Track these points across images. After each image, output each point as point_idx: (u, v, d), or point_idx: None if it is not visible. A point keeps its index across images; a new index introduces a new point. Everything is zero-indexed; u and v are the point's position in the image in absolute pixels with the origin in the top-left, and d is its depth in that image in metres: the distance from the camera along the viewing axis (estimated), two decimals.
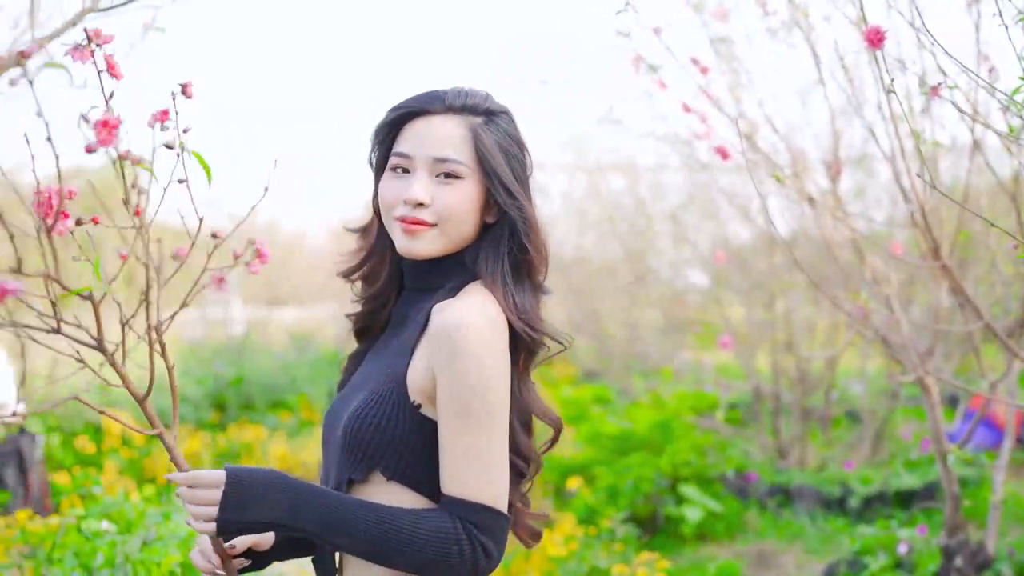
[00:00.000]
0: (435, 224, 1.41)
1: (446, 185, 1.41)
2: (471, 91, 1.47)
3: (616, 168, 8.54)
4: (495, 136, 1.44)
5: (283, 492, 1.31)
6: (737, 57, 3.51)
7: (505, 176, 1.43)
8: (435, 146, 1.41)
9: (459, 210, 1.41)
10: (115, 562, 2.74)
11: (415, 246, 1.42)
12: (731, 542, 4.96)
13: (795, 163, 3.12)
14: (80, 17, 2.80)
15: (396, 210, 1.43)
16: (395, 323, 1.52)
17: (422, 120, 1.44)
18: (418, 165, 1.42)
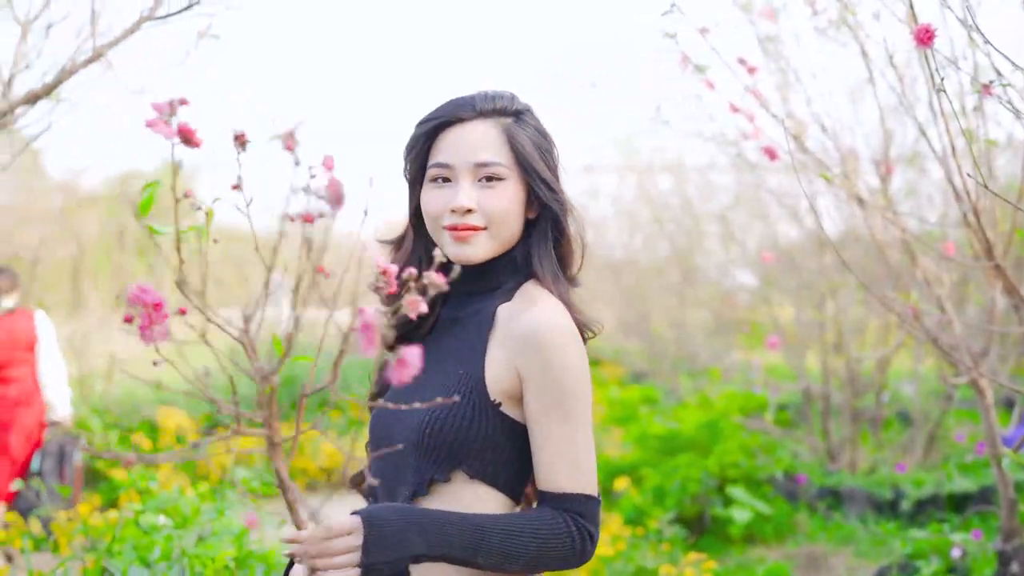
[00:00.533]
0: (485, 227, 1.44)
1: (489, 188, 1.44)
2: (497, 93, 1.49)
3: (664, 168, 8.52)
4: (527, 133, 1.47)
5: (416, 524, 1.33)
6: (785, 56, 3.48)
7: (543, 171, 1.47)
8: (474, 151, 1.44)
9: (506, 211, 1.44)
10: (171, 556, 2.81)
11: (468, 252, 1.45)
12: (780, 544, 4.92)
13: (844, 163, 3.09)
14: (138, 25, 2.88)
15: (444, 219, 1.45)
16: (444, 326, 1.53)
17: (456, 128, 1.46)
18: (459, 172, 1.44)
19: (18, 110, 2.89)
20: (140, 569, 2.62)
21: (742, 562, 4.62)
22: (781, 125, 2.67)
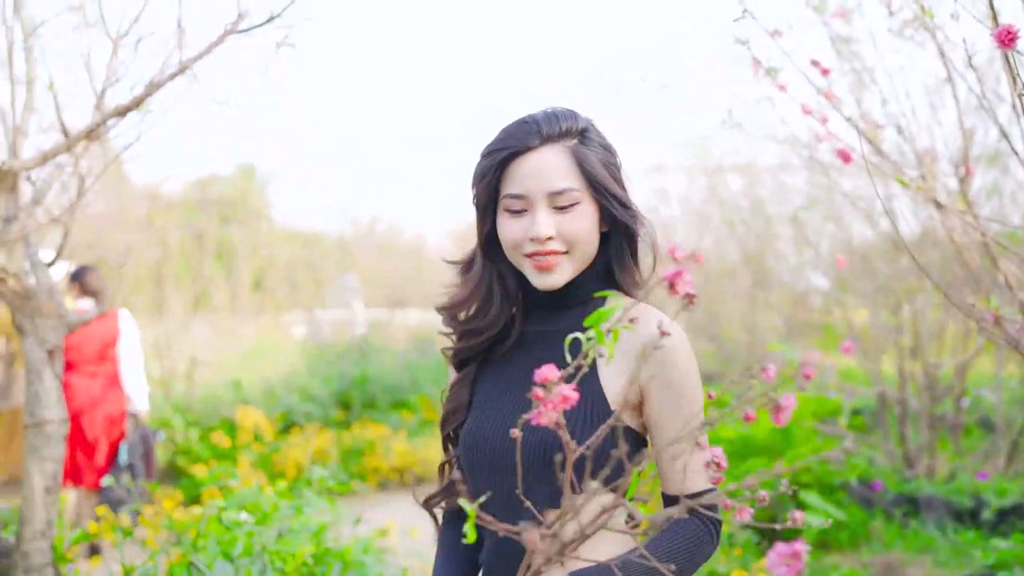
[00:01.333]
0: (566, 252, 1.47)
1: (566, 213, 1.46)
2: (559, 113, 1.50)
3: (736, 169, 8.43)
4: (594, 153, 1.49)
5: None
6: (860, 57, 3.44)
7: (615, 191, 1.49)
8: (547, 180, 1.46)
9: (584, 234, 1.47)
10: (253, 551, 2.91)
11: (552, 279, 1.48)
12: (855, 552, 4.84)
13: (921, 164, 3.03)
14: (223, 39, 2.98)
15: (524, 248, 1.48)
16: (531, 341, 1.56)
17: (526, 157, 1.47)
18: (535, 202, 1.46)
19: (109, 122, 3.03)
20: (224, 564, 2.72)
21: (816, 569, 4.56)
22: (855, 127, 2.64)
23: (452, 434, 1.63)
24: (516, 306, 1.59)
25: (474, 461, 1.53)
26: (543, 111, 1.51)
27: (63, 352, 3.03)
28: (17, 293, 2.93)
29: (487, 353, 1.60)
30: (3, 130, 3.09)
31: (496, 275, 1.56)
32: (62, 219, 3.40)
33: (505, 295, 1.57)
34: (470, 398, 1.60)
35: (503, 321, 1.56)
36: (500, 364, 1.58)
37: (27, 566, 2.81)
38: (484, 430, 1.52)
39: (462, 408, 1.60)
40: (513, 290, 1.58)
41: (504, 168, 1.49)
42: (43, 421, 2.91)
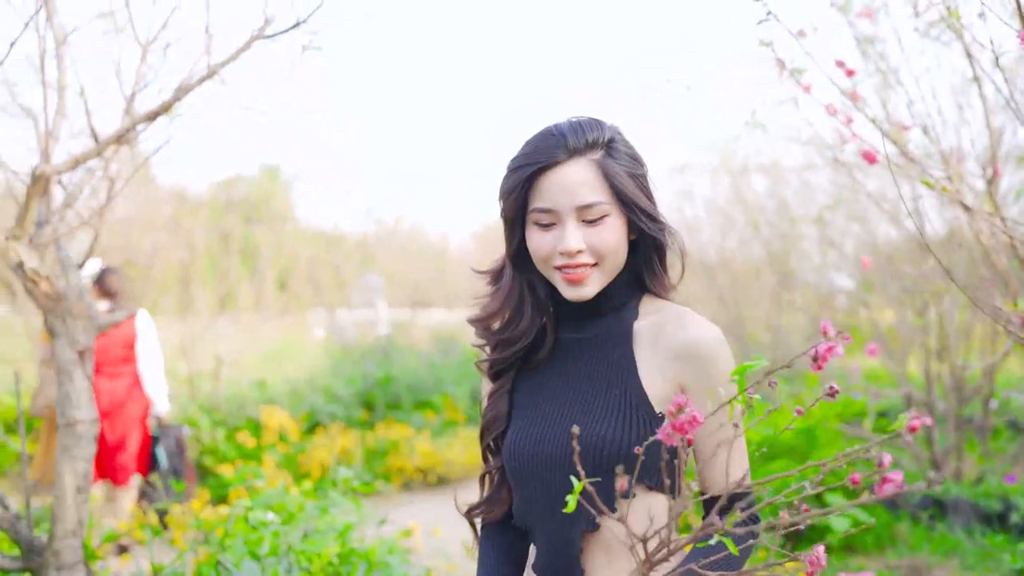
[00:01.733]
0: (595, 264, 1.49)
1: (595, 226, 1.47)
2: (585, 124, 1.51)
3: (760, 169, 8.39)
4: (621, 165, 1.49)
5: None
6: (885, 57, 3.42)
7: (642, 203, 1.50)
8: (575, 195, 1.46)
9: (613, 246, 1.49)
10: (279, 551, 2.94)
11: (583, 291, 1.49)
12: (880, 554, 4.81)
13: (947, 165, 3.01)
14: (249, 44, 3.02)
15: (554, 260, 1.49)
16: (567, 348, 1.57)
17: (553, 172, 1.48)
18: (563, 216, 1.47)
19: (139, 127, 3.07)
20: (251, 563, 2.75)
21: (841, 571, 4.54)
22: (879, 129, 2.63)
23: (492, 444, 1.63)
24: (547, 315, 1.60)
25: (519, 470, 1.54)
26: (568, 122, 1.52)
27: (93, 353, 3.08)
28: (49, 295, 2.97)
29: (522, 362, 1.61)
30: (35, 135, 3.15)
31: (527, 285, 1.58)
32: (92, 222, 3.45)
33: (536, 305, 1.58)
34: (509, 408, 1.61)
35: (535, 331, 1.58)
36: (537, 373, 1.59)
37: (59, 564, 2.86)
38: (528, 440, 1.53)
39: (501, 418, 1.61)
40: (544, 299, 1.59)
41: (531, 182, 1.50)
42: (74, 421, 2.96)
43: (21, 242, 2.91)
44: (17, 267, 2.93)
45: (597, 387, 1.50)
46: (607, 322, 1.55)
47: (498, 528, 1.66)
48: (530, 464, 1.52)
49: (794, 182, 7.70)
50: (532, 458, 1.51)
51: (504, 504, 1.63)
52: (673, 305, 1.56)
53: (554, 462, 1.47)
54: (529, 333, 1.57)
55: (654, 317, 1.54)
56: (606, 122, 1.54)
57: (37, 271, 2.92)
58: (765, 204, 8.28)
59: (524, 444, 1.53)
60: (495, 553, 1.63)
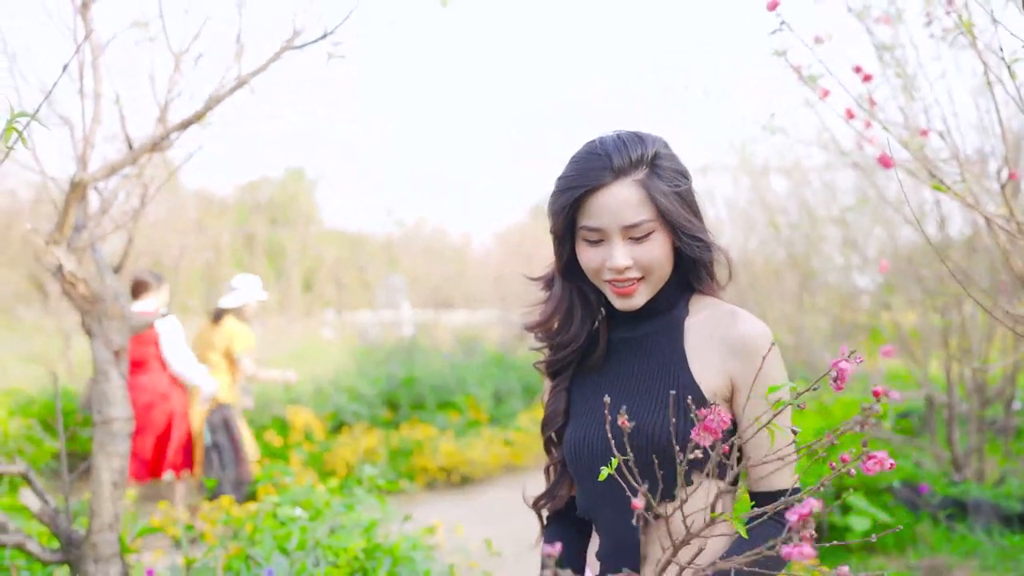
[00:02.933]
0: (642, 278, 1.57)
1: (641, 243, 1.55)
2: (628, 141, 1.57)
3: (781, 170, 8.40)
4: (665, 184, 1.55)
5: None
6: (901, 63, 3.45)
7: (685, 222, 1.57)
8: (621, 216, 1.53)
9: (659, 260, 1.57)
10: (307, 546, 3.02)
11: (633, 303, 1.59)
12: (901, 555, 4.83)
13: (963, 170, 3.05)
14: (279, 54, 3.11)
15: (603, 275, 1.58)
16: (620, 349, 1.66)
17: (599, 194, 1.55)
18: (611, 234, 1.55)
19: (172, 135, 3.17)
20: (280, 557, 2.83)
21: (860, 571, 4.57)
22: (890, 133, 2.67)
23: (554, 437, 1.72)
24: (599, 318, 1.69)
25: (579, 466, 1.63)
26: (613, 139, 1.58)
27: (128, 353, 3.18)
28: (86, 297, 3.08)
29: (579, 363, 1.71)
30: (72, 142, 3.25)
31: (576, 293, 1.68)
32: (126, 226, 3.56)
33: (587, 310, 1.68)
34: (567, 405, 1.71)
35: (584, 335, 1.68)
36: (593, 373, 1.68)
37: (96, 556, 2.96)
38: (587, 437, 1.62)
39: (559, 413, 1.70)
40: (595, 304, 1.69)
41: (579, 203, 1.57)
42: (110, 419, 3.06)
43: (60, 246, 3.01)
44: (56, 270, 3.04)
45: (650, 382, 1.58)
46: (658, 321, 1.63)
47: (561, 518, 1.75)
48: (589, 459, 1.61)
49: (816, 183, 7.71)
50: (591, 453, 1.60)
51: (566, 495, 1.73)
52: (723, 303, 1.64)
53: (607, 457, 1.51)
54: (579, 337, 1.67)
55: (705, 313, 1.62)
56: (649, 136, 1.60)
57: (75, 274, 3.02)
58: (786, 205, 8.29)
59: (583, 442, 1.62)
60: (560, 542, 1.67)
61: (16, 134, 1.24)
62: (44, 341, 9.92)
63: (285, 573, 2.67)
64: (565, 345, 1.69)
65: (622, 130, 1.61)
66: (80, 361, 9.25)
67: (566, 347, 1.68)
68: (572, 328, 1.68)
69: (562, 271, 1.68)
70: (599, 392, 1.65)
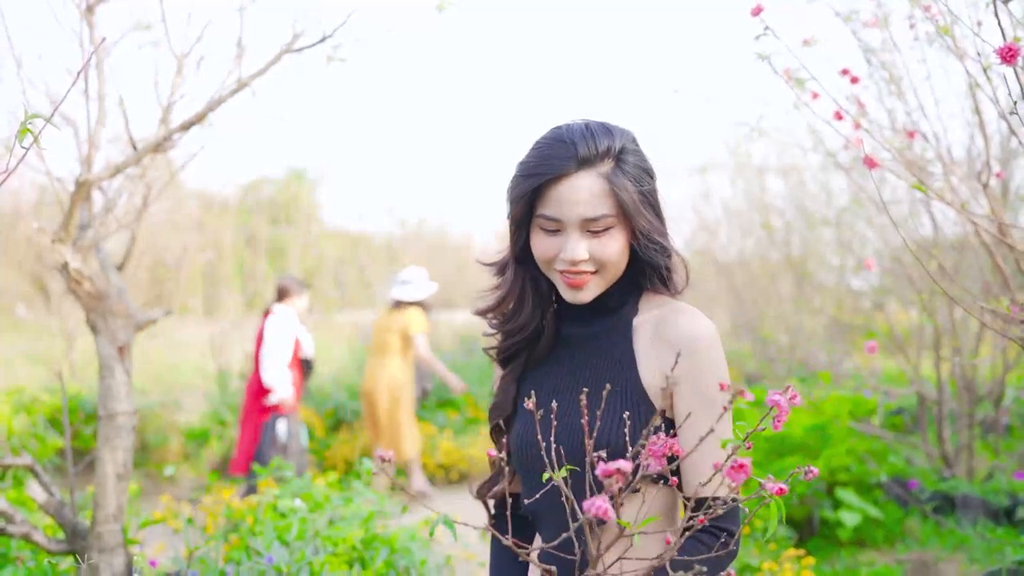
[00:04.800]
0: (596, 272, 1.54)
1: (599, 237, 1.52)
2: (597, 130, 1.52)
3: (778, 171, 8.49)
4: (629, 181, 1.51)
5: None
6: (888, 65, 3.53)
7: (646, 225, 1.53)
8: (581, 208, 1.49)
9: (615, 257, 1.54)
10: (306, 536, 3.10)
11: (582, 296, 1.56)
12: (890, 549, 4.91)
13: (946, 170, 3.13)
14: (279, 57, 3.19)
15: (557, 265, 1.55)
16: (569, 344, 1.64)
17: (561, 183, 1.50)
18: (569, 226, 1.51)
19: (175, 136, 3.25)
20: (280, 546, 2.91)
21: (851, 565, 4.65)
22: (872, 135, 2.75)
23: (502, 425, 1.69)
24: (547, 307, 1.66)
25: (525, 462, 1.61)
26: (580, 127, 1.53)
27: (131, 349, 3.26)
28: (91, 294, 3.16)
29: (529, 353, 1.68)
30: (76, 142, 3.33)
31: (529, 280, 1.64)
32: (130, 226, 3.64)
33: (539, 298, 1.65)
34: (515, 394, 1.68)
35: (534, 323, 1.65)
36: (543, 365, 1.66)
37: (101, 547, 3.04)
38: (533, 433, 1.58)
39: (507, 403, 1.67)
40: (546, 293, 1.66)
41: (539, 190, 1.53)
42: (114, 413, 3.14)
43: (65, 244, 3.10)
44: (62, 268, 3.12)
45: (599, 383, 1.54)
46: (607, 318, 1.60)
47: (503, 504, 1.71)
48: (531, 458, 1.58)
49: (811, 184, 7.79)
50: (537, 451, 1.55)
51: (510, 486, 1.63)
52: (672, 301, 1.60)
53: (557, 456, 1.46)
54: (528, 326, 1.64)
55: (654, 312, 1.58)
56: (618, 129, 1.55)
57: (80, 271, 3.11)
58: (782, 206, 8.37)
59: (529, 437, 1.59)
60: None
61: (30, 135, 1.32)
62: (47, 341, 10.01)
63: (285, 562, 2.75)
64: (515, 332, 1.66)
65: (591, 119, 1.56)
66: (83, 361, 9.34)
67: (515, 334, 1.66)
68: (523, 315, 1.64)
69: (516, 257, 1.64)
70: (546, 388, 1.62)
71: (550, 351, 1.66)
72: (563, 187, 1.50)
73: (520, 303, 1.65)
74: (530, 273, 1.65)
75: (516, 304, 1.66)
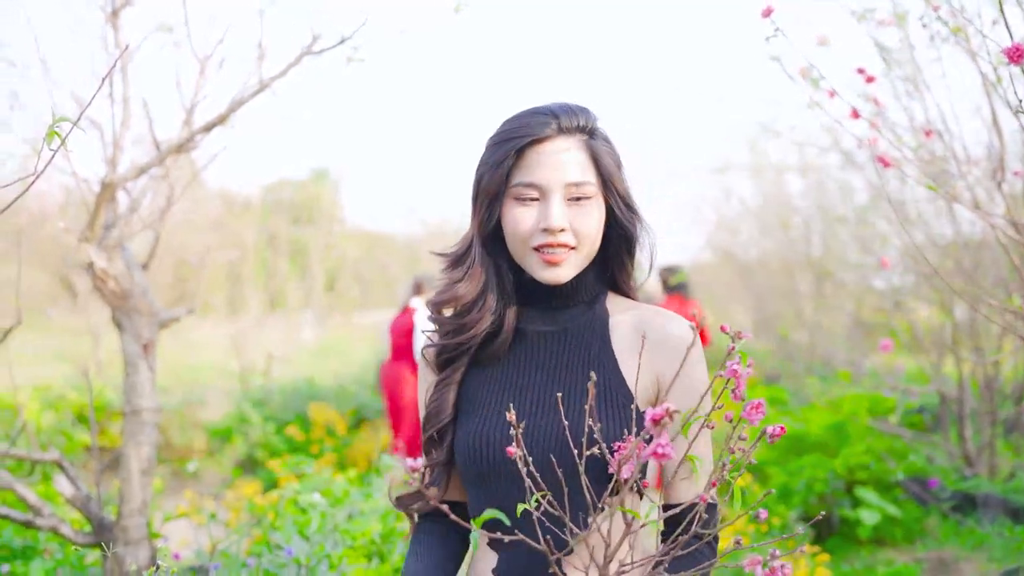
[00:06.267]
0: (574, 247, 1.44)
1: (580, 207, 1.44)
2: (574, 107, 1.47)
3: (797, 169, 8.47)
4: (605, 150, 1.47)
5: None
6: (902, 64, 3.54)
7: (624, 191, 1.49)
8: (565, 171, 1.42)
9: (595, 229, 1.46)
10: (326, 530, 3.16)
11: (560, 273, 1.44)
12: (909, 547, 4.90)
13: (960, 169, 3.14)
14: (298, 60, 3.24)
15: (534, 239, 1.44)
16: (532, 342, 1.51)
17: (542, 146, 1.43)
18: (550, 192, 1.43)
19: (197, 137, 3.31)
20: (300, 540, 2.97)
21: (870, 564, 4.65)
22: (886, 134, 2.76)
23: (436, 436, 1.52)
24: (509, 305, 1.52)
25: (486, 469, 1.44)
26: (557, 103, 1.47)
27: (155, 346, 3.33)
28: (116, 293, 3.23)
29: (477, 352, 1.53)
30: (101, 144, 3.40)
31: (494, 269, 1.51)
32: (154, 225, 3.71)
33: (502, 291, 1.52)
34: (456, 399, 1.52)
35: (492, 318, 1.51)
36: (497, 365, 1.52)
37: (126, 539, 3.11)
38: (495, 436, 1.44)
39: (446, 410, 1.51)
40: (509, 287, 1.52)
41: (518, 155, 1.44)
42: (139, 409, 3.21)
43: (91, 244, 3.17)
44: (87, 267, 3.19)
45: (578, 380, 1.45)
46: (577, 316, 1.51)
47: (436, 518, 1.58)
48: (493, 463, 1.42)
49: (830, 182, 7.77)
50: (497, 457, 1.42)
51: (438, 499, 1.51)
52: (645, 304, 1.54)
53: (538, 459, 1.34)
54: (486, 320, 1.49)
55: (630, 314, 1.51)
56: (591, 111, 1.49)
57: (106, 271, 3.18)
58: (801, 204, 8.35)
59: (489, 441, 1.43)
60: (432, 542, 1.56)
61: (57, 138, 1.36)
62: (73, 340, 10.16)
63: (305, 555, 2.80)
64: (469, 327, 1.49)
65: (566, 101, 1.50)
66: (109, 358, 9.47)
67: (469, 330, 1.49)
68: (483, 308, 1.49)
69: (484, 239, 1.50)
70: (505, 389, 1.48)
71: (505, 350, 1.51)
72: (544, 150, 1.43)
73: (483, 293, 1.50)
74: (496, 261, 1.51)
75: (478, 294, 1.50)
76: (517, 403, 1.45)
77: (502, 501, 1.40)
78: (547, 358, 1.49)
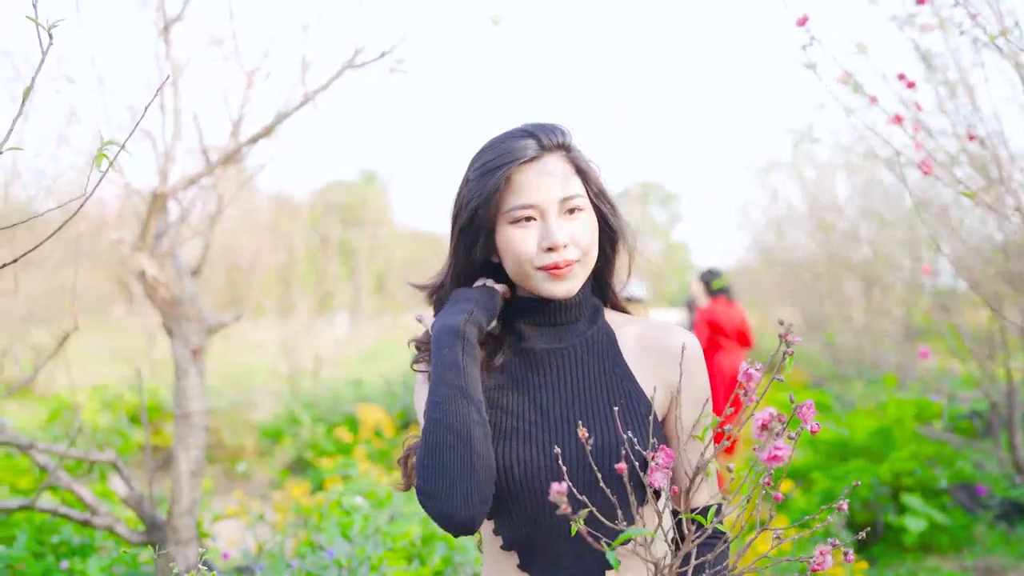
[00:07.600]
0: (578, 260, 1.46)
1: (575, 220, 1.46)
2: (548, 126, 1.50)
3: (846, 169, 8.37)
4: (585, 161, 1.51)
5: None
6: (943, 70, 3.51)
7: (611, 196, 1.53)
8: (556, 187, 1.45)
9: (592, 239, 1.48)
10: (368, 532, 3.23)
11: (567, 287, 1.46)
12: (956, 555, 4.84)
13: (1003, 174, 3.10)
14: (341, 72, 3.33)
15: (536, 260, 1.44)
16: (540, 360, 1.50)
17: (529, 167, 1.46)
18: (546, 210, 1.44)
19: (244, 148, 3.42)
20: (343, 541, 3.04)
21: (915, 571, 4.60)
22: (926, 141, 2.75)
23: None
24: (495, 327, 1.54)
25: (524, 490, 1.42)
26: (530, 124, 1.50)
27: (204, 352, 3.44)
28: (167, 300, 3.34)
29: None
30: (153, 154, 3.52)
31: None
32: (204, 233, 3.83)
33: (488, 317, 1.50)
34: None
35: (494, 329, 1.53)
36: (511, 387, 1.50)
37: (177, 539, 3.22)
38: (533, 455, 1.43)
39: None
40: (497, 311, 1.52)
41: (506, 182, 1.45)
42: (189, 413, 3.32)
43: (143, 253, 3.28)
44: (139, 275, 3.31)
45: (601, 396, 1.47)
46: (583, 331, 1.52)
47: None
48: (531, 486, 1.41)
49: (876, 184, 7.68)
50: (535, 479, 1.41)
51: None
52: (639, 316, 1.59)
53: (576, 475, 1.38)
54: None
55: (634, 327, 1.54)
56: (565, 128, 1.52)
57: (157, 278, 3.29)
58: (847, 205, 8.26)
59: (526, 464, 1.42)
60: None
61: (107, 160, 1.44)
62: (130, 340, 10.43)
63: (346, 556, 2.87)
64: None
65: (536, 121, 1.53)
66: (163, 360, 9.71)
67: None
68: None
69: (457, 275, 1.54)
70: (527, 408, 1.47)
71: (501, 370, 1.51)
72: (532, 171, 1.45)
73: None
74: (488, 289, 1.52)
75: None
76: (542, 423, 1.45)
77: (526, 521, 1.43)
78: (562, 375, 1.49)
